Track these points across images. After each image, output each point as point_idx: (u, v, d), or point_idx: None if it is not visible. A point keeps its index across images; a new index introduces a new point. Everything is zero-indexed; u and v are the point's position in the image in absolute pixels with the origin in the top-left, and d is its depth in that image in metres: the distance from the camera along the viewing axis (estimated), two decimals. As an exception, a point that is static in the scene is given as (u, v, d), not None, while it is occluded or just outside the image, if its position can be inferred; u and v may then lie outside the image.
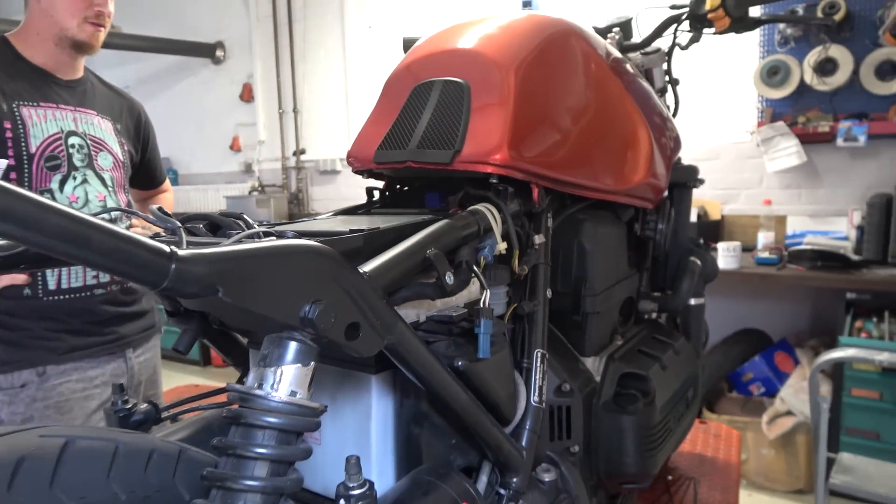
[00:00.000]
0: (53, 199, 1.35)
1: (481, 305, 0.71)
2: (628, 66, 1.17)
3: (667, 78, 1.46)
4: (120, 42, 5.30)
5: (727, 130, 3.60)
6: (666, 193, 1.19)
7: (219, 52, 5.81)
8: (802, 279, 2.90)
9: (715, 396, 3.29)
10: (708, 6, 1.24)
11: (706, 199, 3.69)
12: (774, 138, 3.37)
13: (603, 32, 1.46)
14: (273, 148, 5.50)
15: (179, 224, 0.51)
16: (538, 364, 0.83)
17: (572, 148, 0.94)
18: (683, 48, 1.40)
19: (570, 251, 0.99)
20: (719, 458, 2.15)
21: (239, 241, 0.49)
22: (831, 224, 3.35)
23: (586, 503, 0.90)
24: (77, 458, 0.46)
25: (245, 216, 0.64)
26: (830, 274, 2.87)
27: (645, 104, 1.13)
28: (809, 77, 3.22)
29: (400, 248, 0.64)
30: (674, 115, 1.50)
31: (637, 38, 1.47)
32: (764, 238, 3.27)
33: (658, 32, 1.37)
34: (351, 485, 0.54)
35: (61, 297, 1.38)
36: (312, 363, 0.50)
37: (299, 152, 5.35)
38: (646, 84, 1.21)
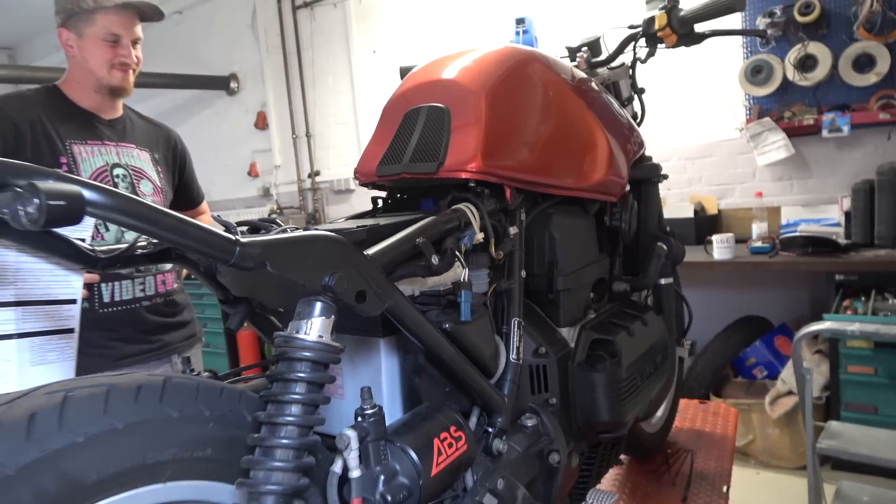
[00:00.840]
0: (109, 229, 1.57)
1: (462, 281, 0.92)
2: (591, 84, 1.38)
3: (632, 88, 1.67)
4: (139, 80, 5.62)
5: (718, 129, 3.78)
6: (628, 188, 1.39)
7: (232, 84, 6.11)
8: (793, 264, 3.06)
9: (720, 382, 3.44)
10: (657, 25, 1.44)
11: (703, 196, 3.86)
12: (763, 133, 3.54)
13: (574, 51, 1.67)
14: (289, 171, 5.76)
15: (234, 224, 0.72)
16: (515, 329, 1.03)
17: (538, 154, 1.14)
18: (643, 62, 1.60)
19: (543, 240, 1.19)
20: (716, 433, 2.32)
21: (278, 233, 0.70)
22: (823, 212, 3.51)
23: (563, 445, 1.09)
24: (133, 387, 0.66)
25: (278, 220, 0.85)
26: (820, 258, 3.02)
27: (603, 114, 1.33)
28: (791, 74, 3.40)
29: (395, 238, 0.85)
30: (641, 119, 1.69)
31: (605, 54, 1.67)
32: (758, 229, 3.43)
33: (620, 49, 1.58)
34: (365, 407, 0.74)
35: (114, 308, 1.60)
36: (333, 317, 0.71)
37: (314, 174, 5.61)
38: (606, 97, 1.41)
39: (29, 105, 1.53)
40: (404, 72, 1.80)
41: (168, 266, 1.67)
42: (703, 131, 3.83)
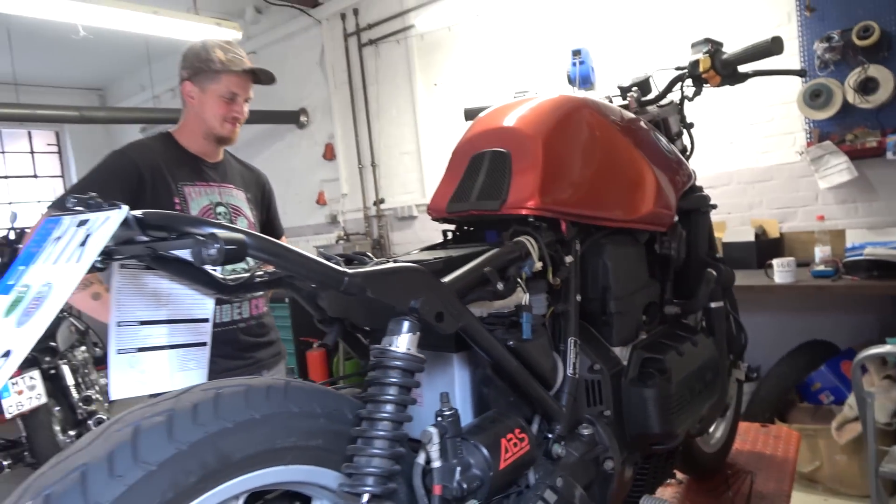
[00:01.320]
0: None
1: (522, 304, 1.06)
2: (639, 123, 1.51)
3: (682, 123, 1.78)
4: (219, 117, 6.05)
5: (778, 152, 3.80)
6: (677, 218, 1.50)
7: (302, 118, 6.49)
8: (858, 288, 3.04)
9: (785, 407, 3.42)
10: (701, 68, 1.56)
11: (763, 219, 3.86)
12: (824, 157, 3.54)
13: (625, 90, 1.80)
14: (355, 200, 6.05)
15: (335, 257, 0.89)
16: (571, 347, 1.17)
17: (589, 190, 1.28)
18: (690, 100, 1.72)
19: (597, 267, 1.32)
20: (777, 456, 2.35)
21: (374, 265, 0.87)
22: (891, 235, 3.45)
23: (618, 453, 1.21)
24: (264, 387, 0.83)
25: (368, 254, 1.02)
26: (886, 282, 2.99)
27: (651, 150, 1.46)
28: (852, 97, 3.40)
29: (466, 268, 1.00)
30: (690, 152, 1.80)
31: (654, 92, 1.80)
32: (820, 252, 3.41)
33: (668, 89, 1.70)
34: (444, 409, 0.89)
35: (217, 329, 1.82)
36: (417, 333, 0.87)
37: (379, 202, 5.87)
38: (654, 134, 1.53)
39: (149, 153, 1.77)
40: (469, 113, 1.97)
41: (260, 292, 1.88)
42: (762, 155, 3.85)
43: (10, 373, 0.58)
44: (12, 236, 6.61)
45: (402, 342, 0.85)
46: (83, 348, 4.94)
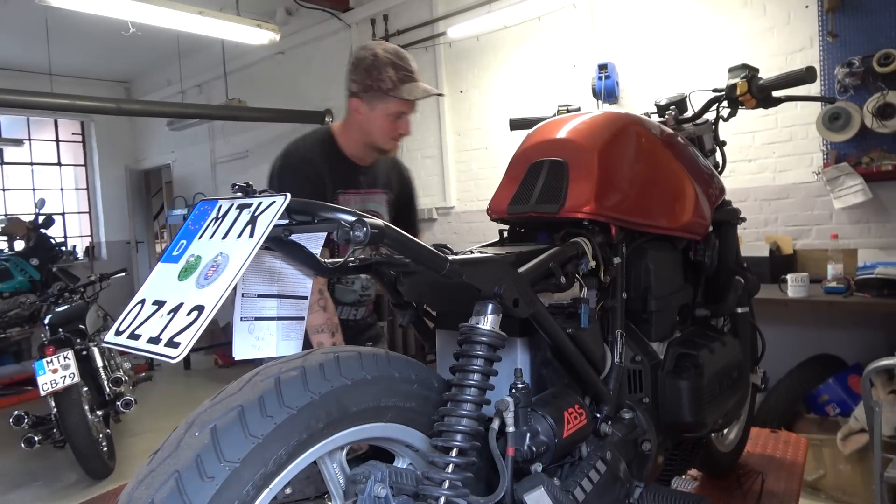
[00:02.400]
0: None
1: (581, 297, 1.20)
2: (678, 138, 1.65)
3: (715, 141, 1.92)
4: (245, 115, 6.23)
5: (795, 172, 3.92)
6: (711, 229, 1.64)
7: (328, 118, 6.64)
8: (868, 305, 3.17)
9: (793, 417, 3.54)
10: (739, 91, 1.70)
11: (778, 236, 3.99)
12: (840, 178, 3.67)
13: (663, 108, 1.94)
14: (377, 200, 6.19)
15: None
16: (618, 339, 1.30)
17: (637, 199, 1.42)
18: (725, 120, 1.86)
19: (639, 269, 1.45)
20: (787, 459, 2.47)
21: (465, 255, 1.01)
22: (902, 255, 3.58)
23: (654, 436, 1.34)
24: (372, 354, 0.97)
25: (448, 245, 1.16)
26: (895, 300, 3.12)
27: (690, 164, 1.60)
28: (870, 121, 3.53)
29: (535, 261, 1.14)
30: (722, 168, 1.94)
31: (690, 111, 1.93)
32: (833, 269, 3.53)
33: (705, 109, 1.84)
34: (517, 383, 1.03)
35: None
36: (500, 314, 1.00)
37: (399, 203, 6.01)
38: (692, 150, 1.67)
39: (311, 164, 1.84)
40: (514, 123, 2.11)
41: (352, 276, 1.95)
42: (780, 174, 3.98)
43: (206, 323, 0.71)
44: (40, 220, 6.81)
45: (488, 321, 0.99)
46: (109, 332, 5.10)
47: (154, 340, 0.73)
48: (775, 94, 1.70)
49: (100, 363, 4.31)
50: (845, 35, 3.64)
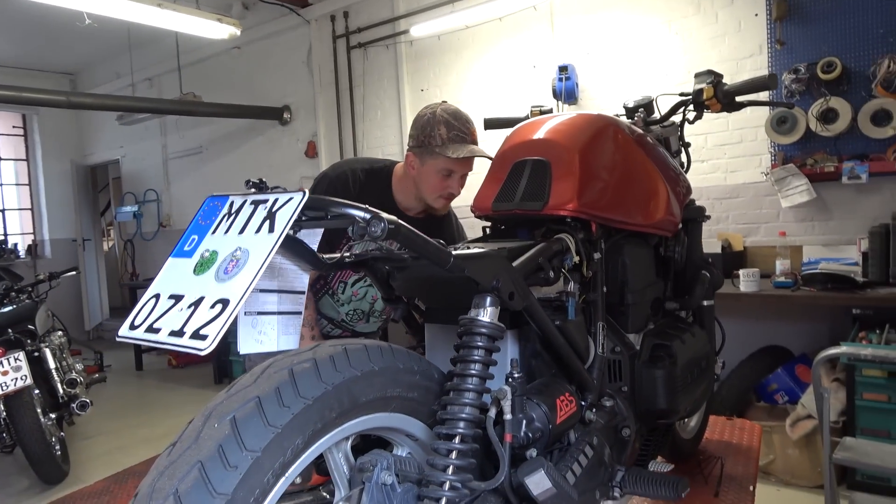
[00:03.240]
0: (345, 290, 1.93)
1: (568, 290, 1.25)
2: (649, 139, 1.72)
3: (680, 142, 2.01)
4: (202, 110, 6.10)
5: (745, 172, 4.11)
6: (680, 226, 1.72)
7: (285, 115, 6.57)
8: (814, 299, 3.36)
9: (744, 406, 3.71)
10: (705, 96, 1.78)
11: (729, 233, 4.17)
12: (787, 178, 3.87)
13: (631, 111, 2.02)
14: (336, 198, 6.15)
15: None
16: (600, 330, 1.37)
17: (615, 197, 1.48)
18: (691, 122, 1.95)
19: (617, 264, 1.52)
20: (743, 444, 2.60)
21: (464, 250, 1.05)
22: (842, 251, 3.79)
23: (633, 423, 1.41)
24: (377, 346, 1.00)
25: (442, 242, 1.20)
26: (839, 294, 3.32)
27: (661, 164, 1.67)
28: (814, 125, 3.73)
29: (526, 256, 1.19)
30: (687, 168, 2.03)
31: (657, 114, 2.02)
32: (781, 265, 3.72)
33: (672, 112, 1.92)
34: (513, 372, 1.07)
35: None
36: (498, 307, 1.05)
37: (360, 201, 5.99)
38: (662, 150, 1.75)
39: (354, 183, 1.91)
40: (489, 123, 2.16)
41: (346, 270, 1.98)
42: (731, 174, 4.16)
43: (233, 316, 0.73)
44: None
45: (487, 313, 1.03)
46: (59, 332, 4.93)
47: (177, 333, 0.75)
48: (739, 98, 1.79)
49: (52, 364, 4.17)
50: (792, 43, 3.83)
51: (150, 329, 0.78)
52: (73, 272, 5.05)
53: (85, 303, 9.09)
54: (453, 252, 0.97)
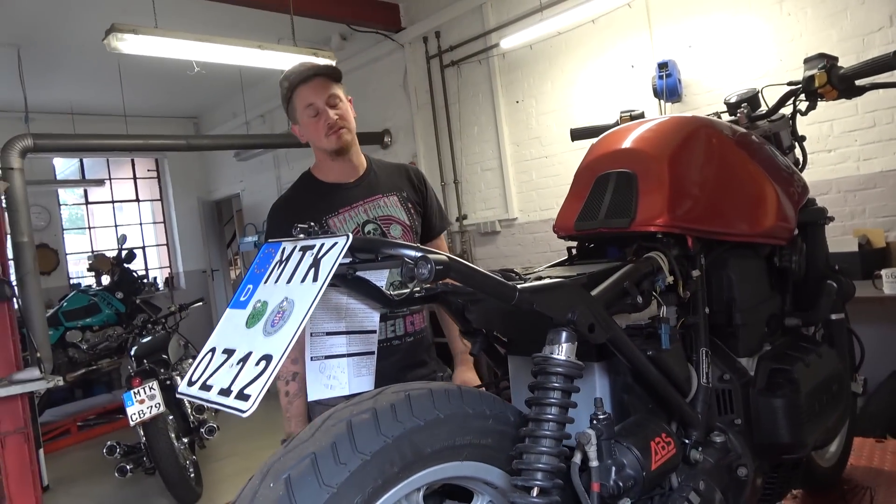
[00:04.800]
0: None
1: (660, 316, 1.13)
2: (754, 138, 1.55)
3: (793, 136, 1.80)
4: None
5: (882, 160, 3.66)
6: (797, 232, 1.53)
7: (386, 139, 6.73)
8: (978, 299, 2.90)
9: (898, 423, 3.27)
10: (817, 83, 1.58)
11: (868, 229, 3.72)
12: (933, 162, 3.40)
13: (733, 106, 1.83)
14: (439, 216, 6.20)
15: (500, 274, 0.99)
16: (703, 358, 1.22)
17: (713, 206, 1.33)
18: (803, 114, 1.74)
19: (721, 280, 1.37)
20: (896, 471, 2.27)
21: (534, 281, 0.96)
22: None
23: (750, 461, 1.25)
24: (443, 390, 0.93)
25: (515, 270, 1.12)
26: None
27: (769, 165, 1.50)
28: (964, 100, 3.26)
29: (609, 281, 1.08)
30: (803, 165, 1.81)
31: (763, 107, 1.82)
32: (933, 261, 3.27)
33: (780, 104, 1.72)
34: (598, 413, 0.97)
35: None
36: (576, 342, 0.95)
37: (462, 218, 6.00)
38: (769, 149, 1.56)
39: (295, 206, 1.84)
40: (575, 133, 2.05)
41: (417, 307, 1.83)
42: (864, 163, 3.73)
43: (275, 373, 0.70)
44: (123, 255, 7.17)
45: (563, 350, 0.94)
46: (190, 360, 5.30)
47: (225, 392, 0.73)
48: (859, 82, 1.57)
49: (183, 391, 4.46)
50: (929, 9, 3.38)
51: (204, 386, 0.77)
52: (200, 303, 5.41)
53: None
54: (519, 285, 0.89)
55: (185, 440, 4.33)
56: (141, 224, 9.73)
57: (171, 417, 4.24)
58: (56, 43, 5.81)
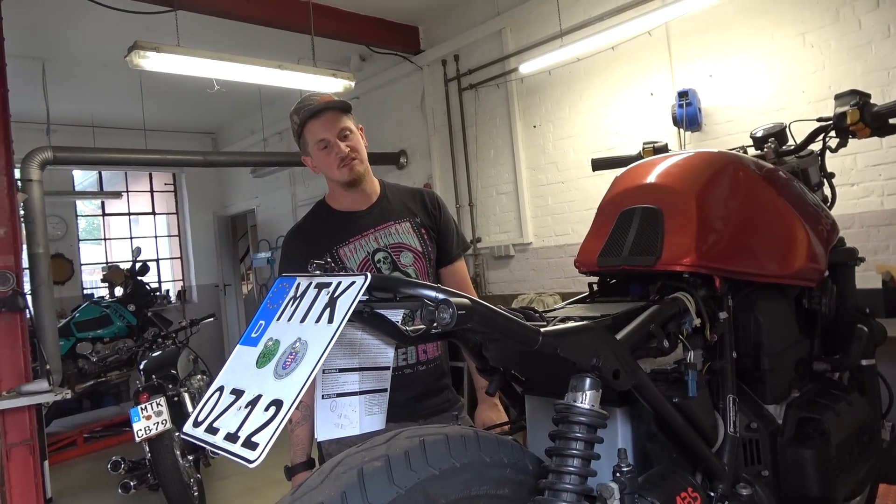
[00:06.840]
0: None
1: (687, 361, 1.08)
2: (780, 174, 1.50)
3: (821, 173, 1.75)
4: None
5: (905, 194, 3.60)
6: (826, 273, 1.47)
7: (402, 159, 6.73)
8: None
9: (922, 468, 3.16)
10: (850, 120, 1.54)
11: (891, 265, 3.64)
12: (960, 199, 3.33)
13: (760, 141, 1.79)
14: (453, 238, 6.17)
15: (521, 314, 0.95)
16: (730, 405, 1.17)
17: (741, 246, 1.29)
18: (833, 151, 1.69)
19: (748, 323, 1.31)
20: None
21: (559, 325, 0.92)
22: None
23: (778, 515, 1.18)
24: (459, 436, 0.89)
25: (533, 307, 1.07)
26: None
27: (798, 202, 1.45)
28: None
29: (634, 324, 1.04)
30: (832, 203, 1.76)
31: (791, 143, 1.78)
32: (960, 301, 3.18)
33: (809, 140, 1.68)
34: (622, 465, 0.92)
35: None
36: (599, 390, 0.90)
37: (475, 241, 5.96)
38: (799, 185, 1.52)
39: (307, 236, 1.84)
40: (597, 163, 2.02)
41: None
42: (889, 197, 3.66)
43: (286, 421, 0.66)
44: (136, 267, 7.20)
45: (587, 398, 0.89)
46: (199, 376, 5.27)
47: (232, 438, 0.69)
48: (893, 120, 1.53)
49: (190, 408, 4.43)
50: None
51: (210, 429, 0.73)
52: (212, 318, 5.40)
53: (226, 344, 9.74)
54: (542, 329, 0.85)
55: (191, 457, 4.29)
56: (156, 237, 9.79)
57: (177, 434, 4.19)
58: (80, 58, 5.89)
